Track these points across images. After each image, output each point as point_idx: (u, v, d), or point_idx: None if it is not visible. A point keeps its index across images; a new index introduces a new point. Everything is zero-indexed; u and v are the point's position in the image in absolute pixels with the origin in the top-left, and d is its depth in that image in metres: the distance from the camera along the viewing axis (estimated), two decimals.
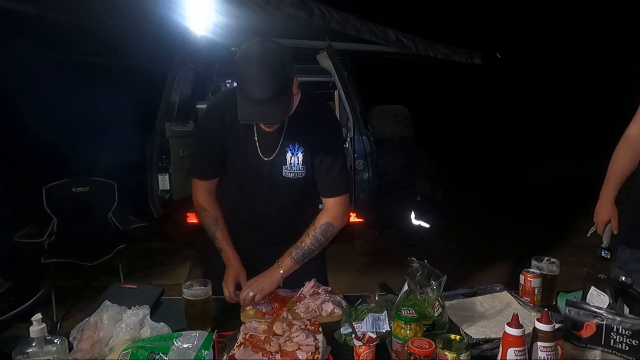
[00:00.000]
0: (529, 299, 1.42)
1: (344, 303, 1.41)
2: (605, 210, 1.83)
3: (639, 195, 1.71)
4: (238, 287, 1.52)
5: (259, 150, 1.53)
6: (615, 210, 1.81)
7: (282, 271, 1.51)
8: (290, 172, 1.54)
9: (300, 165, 1.55)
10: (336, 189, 1.59)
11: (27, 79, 5.21)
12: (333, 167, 1.56)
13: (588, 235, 1.94)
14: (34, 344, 0.98)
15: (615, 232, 1.83)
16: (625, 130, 1.80)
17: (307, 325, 1.24)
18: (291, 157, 1.54)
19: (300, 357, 1.10)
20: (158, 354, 1.04)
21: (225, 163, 1.59)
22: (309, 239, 1.54)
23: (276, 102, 1.31)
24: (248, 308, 1.42)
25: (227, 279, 1.51)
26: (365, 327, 1.20)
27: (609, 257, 1.85)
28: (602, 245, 1.88)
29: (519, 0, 7.34)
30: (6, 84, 4.46)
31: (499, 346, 1.03)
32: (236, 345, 1.15)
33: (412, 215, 4.65)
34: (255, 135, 1.52)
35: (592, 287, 1.24)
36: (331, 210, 1.58)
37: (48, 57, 5.30)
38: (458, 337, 1.06)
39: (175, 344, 1.07)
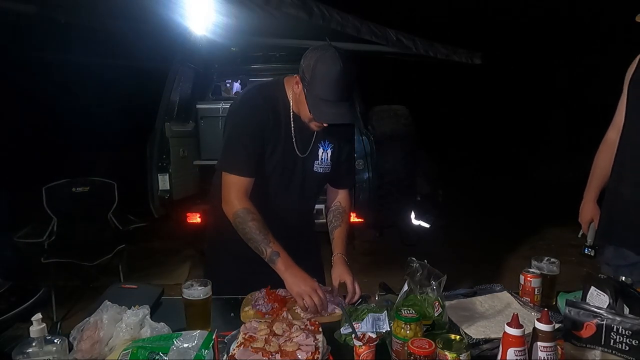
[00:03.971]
0: (529, 299, 1.42)
1: (344, 303, 1.41)
2: (587, 210, 1.91)
3: (612, 194, 1.77)
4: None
5: (295, 146, 1.57)
6: (597, 209, 1.88)
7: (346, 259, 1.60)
8: (321, 167, 1.64)
9: (329, 161, 1.65)
10: (352, 180, 1.81)
11: (27, 79, 5.21)
12: (351, 161, 1.75)
13: (579, 236, 2.00)
14: (34, 344, 0.98)
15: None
16: (605, 134, 1.88)
17: (307, 325, 1.24)
18: (322, 153, 1.63)
19: (300, 357, 1.10)
20: (158, 354, 1.04)
21: (262, 160, 1.56)
22: (346, 225, 1.69)
23: (350, 104, 1.44)
24: (247, 308, 1.42)
25: (313, 283, 1.39)
26: (365, 327, 1.20)
27: (592, 254, 1.91)
28: (587, 244, 1.93)
29: (519, 1, 7.35)
30: (6, 84, 4.46)
31: (499, 346, 1.03)
32: (236, 345, 1.15)
33: (412, 215, 4.65)
34: (293, 131, 1.56)
35: (592, 287, 1.24)
36: (349, 198, 1.76)
37: (48, 57, 5.31)
38: (458, 337, 1.06)
39: (175, 344, 1.07)
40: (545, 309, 1.09)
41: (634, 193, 1.67)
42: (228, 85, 4.84)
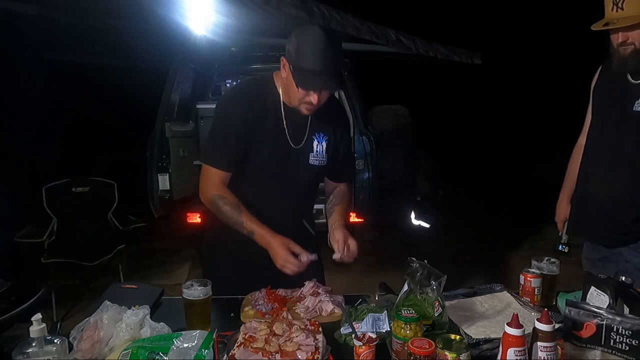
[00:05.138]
0: (529, 299, 1.42)
1: (344, 303, 1.41)
2: (562, 209, 2.08)
3: (578, 192, 1.94)
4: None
5: (288, 137, 1.57)
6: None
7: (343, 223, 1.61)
8: (316, 160, 1.63)
9: (324, 154, 1.64)
10: (351, 174, 1.75)
11: (27, 79, 5.21)
12: (349, 155, 1.74)
13: (560, 234, 2.13)
14: (34, 344, 0.98)
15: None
16: (578, 139, 2.05)
17: (307, 325, 1.24)
18: (317, 145, 1.63)
19: (300, 357, 1.10)
20: (158, 353, 1.04)
21: (246, 155, 1.56)
22: (346, 205, 1.71)
23: (333, 75, 1.44)
24: (247, 308, 1.41)
25: (283, 253, 1.45)
26: (365, 327, 1.20)
27: (566, 250, 2.07)
28: (562, 241, 2.09)
29: (519, 1, 7.35)
30: (6, 84, 4.46)
31: (499, 346, 1.03)
32: (236, 345, 1.15)
33: (412, 215, 4.66)
34: (284, 122, 1.56)
35: (592, 287, 1.24)
36: (349, 188, 1.80)
37: (48, 57, 5.31)
38: (458, 337, 1.06)
39: (175, 344, 1.07)
40: (545, 309, 1.09)
41: (597, 191, 1.83)
42: (228, 85, 4.83)
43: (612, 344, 1.05)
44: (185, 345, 1.06)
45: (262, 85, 1.60)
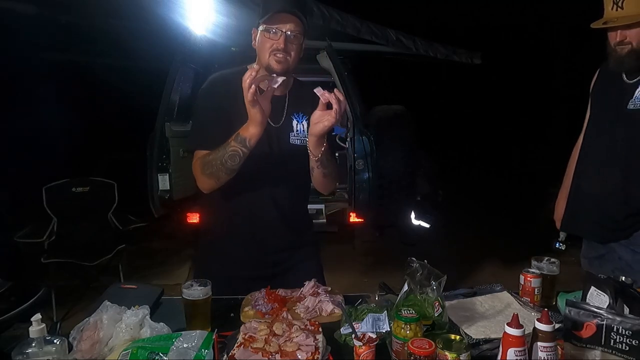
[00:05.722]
0: (529, 299, 1.42)
1: (344, 303, 1.41)
2: (560, 207, 2.10)
3: (574, 189, 1.98)
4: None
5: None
6: None
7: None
8: (297, 139, 1.61)
9: (306, 133, 1.62)
10: (334, 158, 1.72)
11: (27, 79, 5.21)
12: (331, 137, 1.65)
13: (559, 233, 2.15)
14: (33, 344, 0.98)
15: None
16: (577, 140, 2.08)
17: (307, 325, 1.24)
18: (297, 125, 1.62)
19: (300, 357, 1.10)
20: (158, 354, 1.04)
21: (227, 137, 1.53)
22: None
23: (299, 18, 1.48)
24: (247, 308, 1.41)
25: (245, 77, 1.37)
26: (365, 327, 1.20)
27: (563, 248, 2.07)
28: (559, 239, 2.09)
29: (519, 1, 7.35)
30: (6, 84, 4.46)
31: (499, 346, 1.03)
32: (236, 345, 1.15)
33: (412, 215, 4.66)
34: None
35: (592, 287, 1.25)
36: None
37: (48, 57, 5.31)
38: (458, 337, 1.06)
39: (175, 344, 1.07)
40: (545, 309, 1.09)
41: (591, 188, 1.86)
42: None
43: (612, 344, 1.05)
44: (185, 345, 1.06)
45: (238, 73, 1.59)
